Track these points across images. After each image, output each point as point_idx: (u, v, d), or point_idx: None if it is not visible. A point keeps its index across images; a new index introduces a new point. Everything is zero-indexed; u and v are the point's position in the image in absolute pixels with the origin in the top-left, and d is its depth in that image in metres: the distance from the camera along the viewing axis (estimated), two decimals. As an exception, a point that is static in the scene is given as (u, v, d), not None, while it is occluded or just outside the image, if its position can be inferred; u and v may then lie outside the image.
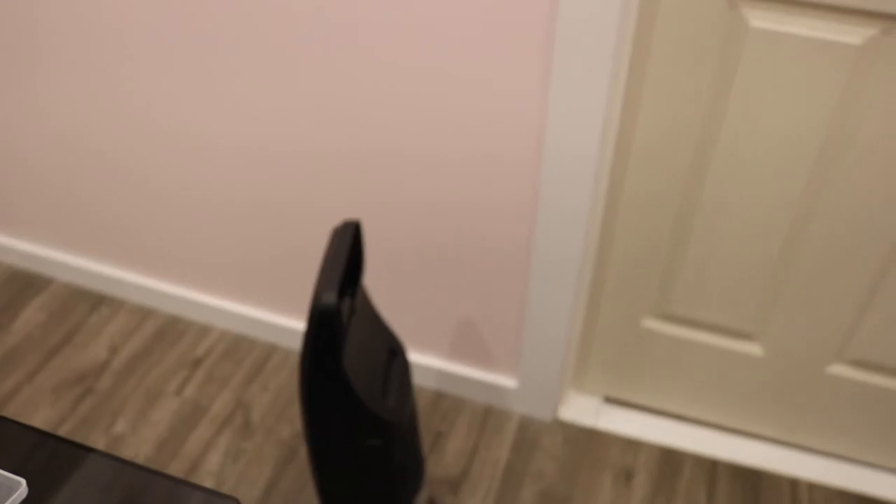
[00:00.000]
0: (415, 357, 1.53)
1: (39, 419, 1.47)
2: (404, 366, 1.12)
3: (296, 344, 1.60)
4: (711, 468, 1.41)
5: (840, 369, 1.32)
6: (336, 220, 1.38)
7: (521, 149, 1.16)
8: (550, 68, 1.06)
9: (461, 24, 1.07)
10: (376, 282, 1.44)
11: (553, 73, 1.06)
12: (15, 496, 0.49)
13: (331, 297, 0.88)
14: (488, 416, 1.50)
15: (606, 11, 0.98)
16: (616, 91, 1.10)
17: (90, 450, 0.57)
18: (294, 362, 1.58)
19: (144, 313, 1.66)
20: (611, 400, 1.53)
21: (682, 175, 1.18)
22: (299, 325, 1.58)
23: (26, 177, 1.59)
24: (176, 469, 1.39)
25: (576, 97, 1.07)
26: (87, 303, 1.68)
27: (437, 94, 1.15)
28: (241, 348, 1.60)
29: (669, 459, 1.42)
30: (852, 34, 0.99)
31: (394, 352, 1.11)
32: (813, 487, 1.39)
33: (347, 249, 0.96)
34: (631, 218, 1.26)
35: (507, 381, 1.49)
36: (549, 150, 1.13)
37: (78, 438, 1.43)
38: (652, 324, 1.38)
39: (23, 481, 0.50)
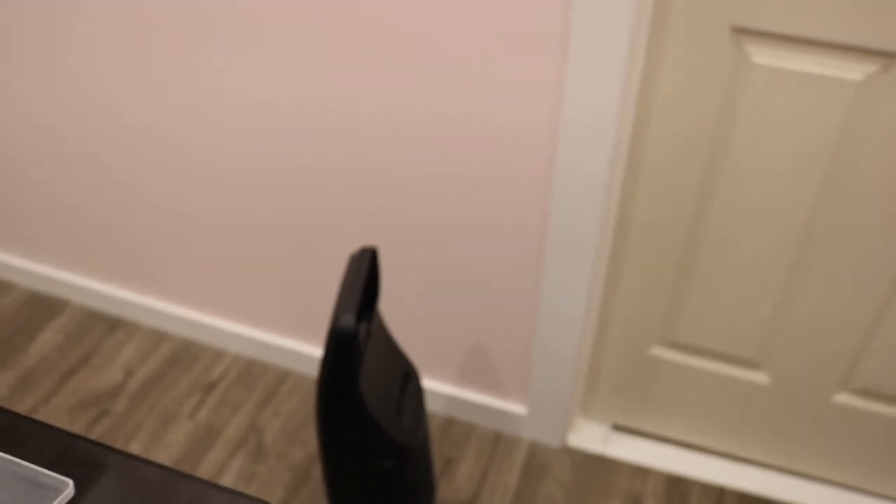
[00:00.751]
0: (425, 383, 1.55)
1: (55, 440, 1.49)
2: (418, 389, 1.14)
3: (308, 369, 1.62)
4: (718, 496, 1.43)
5: (846, 398, 1.34)
6: (348, 245, 1.41)
7: (532, 173, 1.20)
8: (560, 106, 1.10)
9: (474, 35, 1.11)
10: (388, 307, 1.47)
11: (563, 110, 1.09)
12: (62, 497, 0.51)
13: (349, 321, 0.91)
14: (498, 442, 1.52)
15: (615, 44, 1.02)
16: (626, 121, 1.13)
17: (119, 452, 0.60)
18: (306, 387, 1.61)
19: (159, 337, 1.69)
20: (619, 427, 1.55)
21: (689, 205, 1.21)
22: (311, 350, 1.60)
23: (44, 200, 1.63)
24: (189, 491, 1.41)
25: (586, 124, 1.10)
26: (104, 326, 1.71)
27: (445, 126, 1.19)
28: (254, 372, 1.63)
29: (677, 487, 1.44)
30: (853, 71, 1.03)
31: (408, 375, 1.13)
32: (819, 516, 1.40)
33: (365, 275, 0.99)
34: (639, 246, 1.29)
35: (516, 407, 1.51)
36: (560, 177, 1.17)
37: (93, 460, 1.45)
38: (659, 351, 1.40)
39: (70, 482, 0.53)
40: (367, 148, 1.27)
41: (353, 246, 1.41)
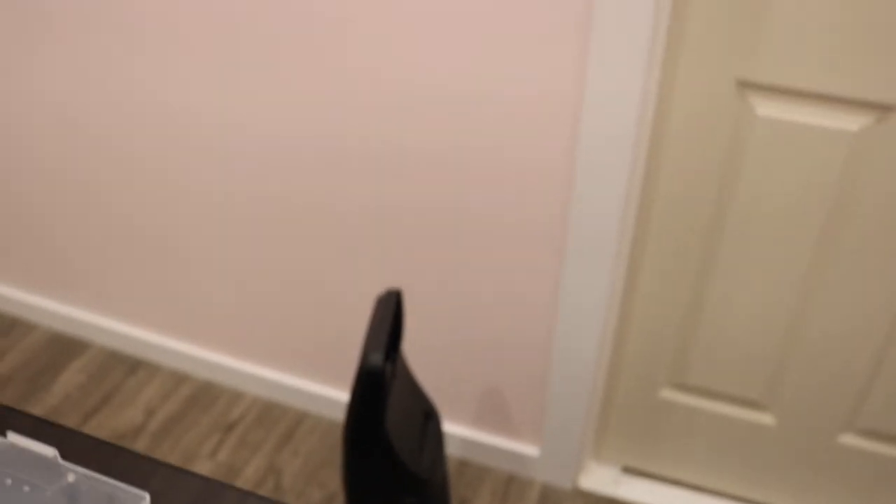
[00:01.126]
0: (440, 424, 1.59)
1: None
2: (438, 428, 1.18)
3: (326, 410, 1.66)
4: (729, 536, 1.45)
5: (851, 439, 1.37)
6: (365, 290, 1.46)
7: (548, 214, 1.25)
8: (573, 168, 1.16)
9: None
10: (405, 349, 1.51)
11: (577, 165, 1.16)
12: (139, 509, 0.55)
13: (377, 359, 0.96)
14: (511, 484, 1.54)
15: (629, 92, 1.09)
16: (637, 170, 1.19)
17: (162, 463, 0.64)
18: (324, 428, 1.64)
19: (179, 378, 1.73)
20: (629, 469, 1.58)
21: (696, 249, 1.27)
22: (330, 391, 1.64)
23: (66, 242, 1.69)
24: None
25: (598, 174, 1.16)
26: (125, 366, 1.75)
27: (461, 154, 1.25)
28: (273, 414, 1.66)
29: (688, 527, 1.46)
30: (849, 122, 1.09)
31: (429, 414, 1.17)
32: (829, 557, 1.41)
33: (391, 316, 1.04)
34: (649, 288, 1.33)
35: (529, 449, 1.54)
36: (574, 223, 1.22)
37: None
38: (669, 394, 1.44)
39: (146, 495, 0.57)
40: (382, 187, 1.33)
41: (371, 288, 1.46)
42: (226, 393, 1.70)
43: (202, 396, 1.69)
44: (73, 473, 0.58)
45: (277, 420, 1.65)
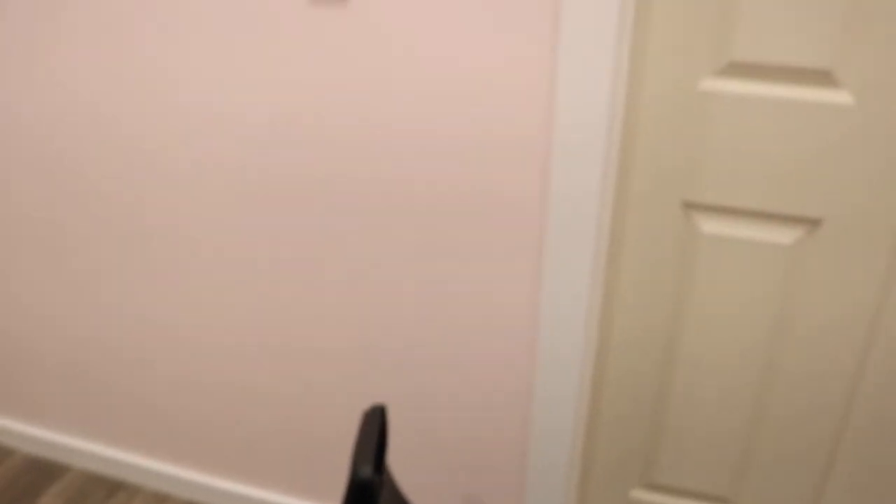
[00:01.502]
0: (420, 533, 1.62)
1: None
2: (422, 536, 1.22)
3: (306, 524, 1.68)
4: None
5: (814, 530, 1.44)
6: (344, 409, 1.52)
7: (518, 316, 1.34)
8: (539, 277, 1.27)
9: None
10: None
11: (545, 275, 1.26)
12: None
13: (368, 471, 1.02)
14: (492, 590, 1.56)
15: (584, 222, 1.20)
16: (597, 277, 1.30)
17: None
18: (304, 542, 1.65)
19: (160, 499, 1.74)
20: (607, 570, 1.61)
21: (657, 354, 1.36)
22: (310, 505, 1.66)
23: (42, 364, 1.72)
24: None
25: (563, 287, 1.26)
26: (104, 489, 1.76)
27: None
28: (254, 530, 1.67)
29: None
30: (783, 235, 1.21)
31: (413, 523, 1.21)
32: None
33: (378, 430, 1.11)
34: (614, 397, 1.42)
35: (508, 553, 1.57)
36: (543, 353, 1.31)
37: None
38: (640, 494, 1.51)
39: None
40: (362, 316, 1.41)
41: (352, 406, 1.52)
42: (207, 511, 1.71)
43: (183, 516, 1.70)
44: None
45: (259, 536, 1.66)
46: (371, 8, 1.15)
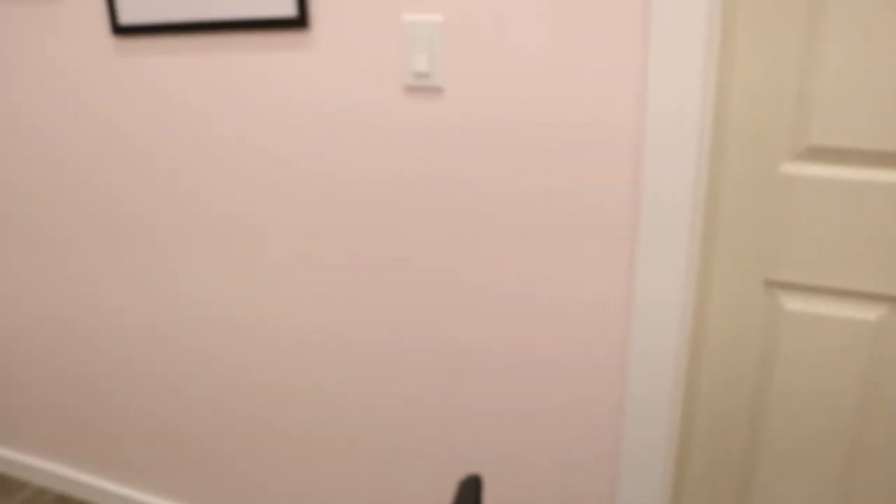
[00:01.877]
0: None
1: None
2: None
3: None
4: None
5: None
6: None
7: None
8: (630, 331, 1.31)
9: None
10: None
11: (633, 336, 1.30)
12: None
13: (472, 540, 1.04)
14: None
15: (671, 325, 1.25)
16: (681, 355, 1.33)
17: None
18: None
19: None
20: None
21: (740, 437, 1.37)
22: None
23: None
24: None
25: (651, 355, 1.30)
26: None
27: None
28: None
29: None
30: (867, 312, 1.24)
31: None
32: None
33: (473, 499, 1.14)
34: (700, 470, 1.42)
35: None
36: (629, 418, 1.34)
37: None
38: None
39: None
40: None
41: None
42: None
43: None
44: None
45: None
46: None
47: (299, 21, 1.31)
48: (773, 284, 1.27)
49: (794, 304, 1.27)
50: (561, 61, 1.16)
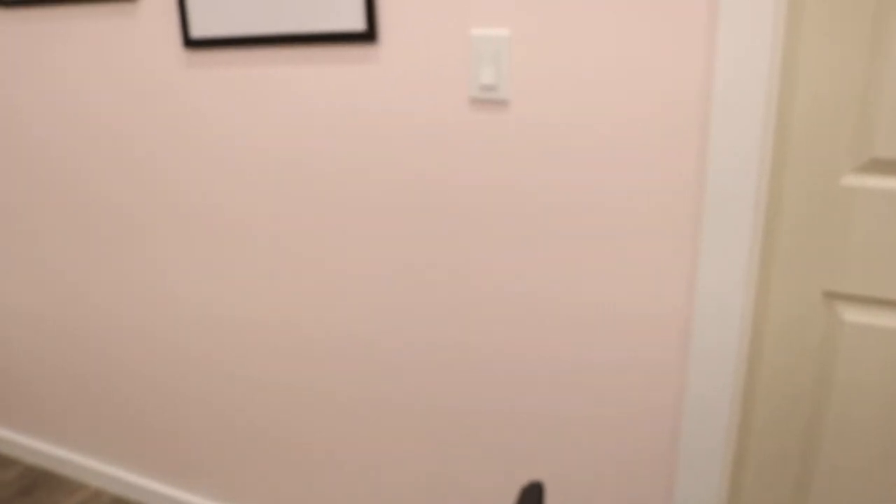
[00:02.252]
0: None
1: None
2: None
3: None
4: None
5: None
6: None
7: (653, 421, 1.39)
8: (689, 347, 1.33)
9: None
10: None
11: (691, 356, 1.32)
12: None
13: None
14: None
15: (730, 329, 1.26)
16: (739, 366, 1.34)
17: None
18: None
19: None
20: None
21: (797, 453, 1.38)
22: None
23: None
24: None
25: (712, 354, 1.31)
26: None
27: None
28: None
29: None
30: (928, 326, 1.25)
31: None
32: None
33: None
34: (755, 479, 1.43)
35: None
36: (685, 442, 1.35)
37: None
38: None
39: None
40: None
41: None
42: None
43: None
44: None
45: None
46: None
47: (368, 35, 1.36)
48: (831, 295, 1.29)
49: (853, 315, 1.28)
50: (624, 71, 1.20)
